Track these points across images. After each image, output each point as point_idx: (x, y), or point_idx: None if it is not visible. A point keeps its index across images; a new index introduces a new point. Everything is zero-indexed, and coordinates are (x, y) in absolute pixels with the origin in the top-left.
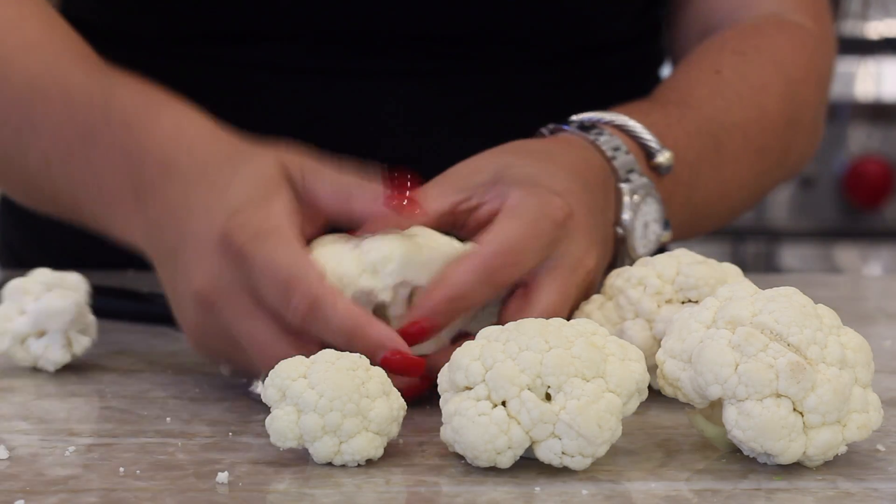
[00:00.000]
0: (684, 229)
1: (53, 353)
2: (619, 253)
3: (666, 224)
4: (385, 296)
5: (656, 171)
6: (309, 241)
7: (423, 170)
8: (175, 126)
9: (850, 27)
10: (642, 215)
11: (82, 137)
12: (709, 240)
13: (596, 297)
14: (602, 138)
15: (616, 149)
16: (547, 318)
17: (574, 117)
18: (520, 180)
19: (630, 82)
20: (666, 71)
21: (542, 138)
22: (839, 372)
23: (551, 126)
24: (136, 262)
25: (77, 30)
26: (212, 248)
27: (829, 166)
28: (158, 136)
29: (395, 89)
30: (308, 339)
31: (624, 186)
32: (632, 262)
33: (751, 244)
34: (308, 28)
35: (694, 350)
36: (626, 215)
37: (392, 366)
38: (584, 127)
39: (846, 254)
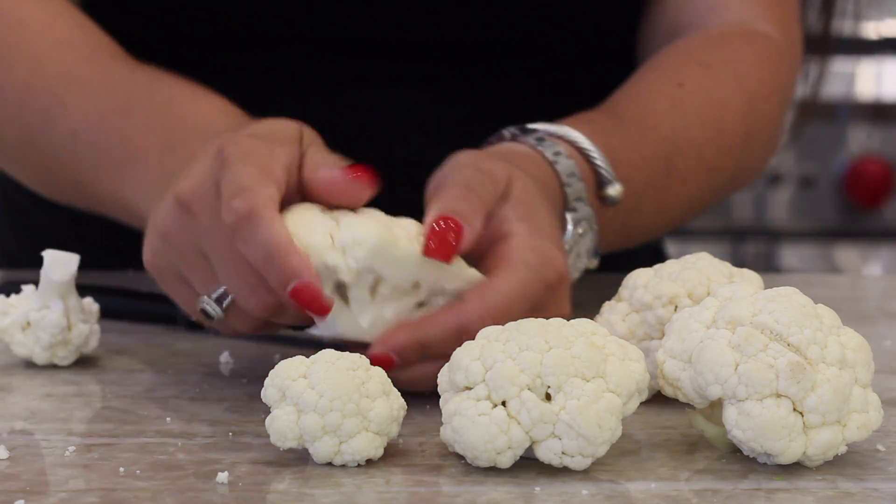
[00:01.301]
0: (613, 249)
1: (51, 318)
2: None
3: (596, 253)
4: (347, 277)
5: (602, 201)
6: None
7: (426, 175)
8: (219, 108)
9: (850, 27)
10: (578, 247)
11: (120, 109)
12: (708, 239)
13: (620, 307)
14: (559, 160)
15: (570, 174)
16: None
17: (536, 126)
18: (526, 216)
19: None
20: None
21: (505, 148)
22: (839, 372)
23: (512, 130)
24: (136, 262)
25: None
26: (205, 155)
27: (829, 166)
28: (204, 110)
29: (397, 95)
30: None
31: (569, 216)
32: None
33: (751, 244)
34: (311, 34)
35: (694, 350)
36: (565, 245)
37: (299, 297)
38: (543, 140)
39: (846, 254)
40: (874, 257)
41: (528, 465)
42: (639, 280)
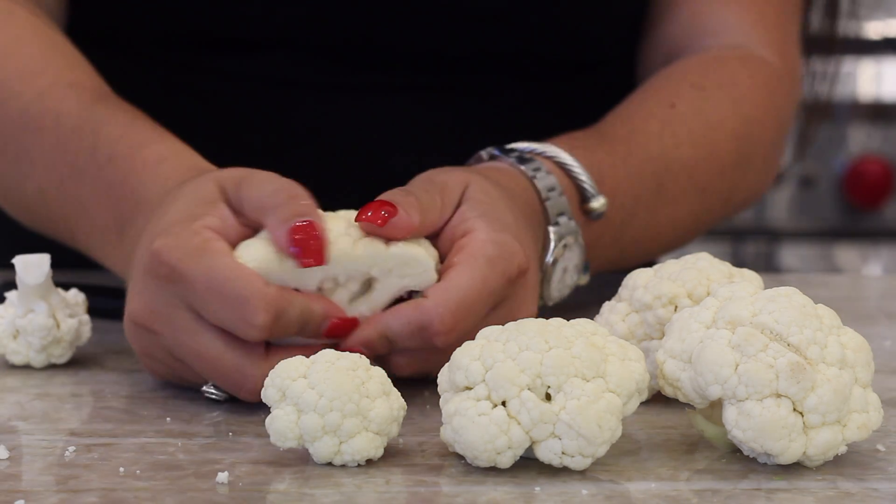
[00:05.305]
0: (605, 267)
1: (37, 321)
2: None
3: (585, 268)
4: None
5: (587, 214)
6: None
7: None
8: (157, 161)
9: (851, 27)
10: (563, 261)
11: (71, 170)
12: (708, 239)
13: (619, 307)
14: (539, 176)
15: (551, 189)
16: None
17: (516, 145)
18: (485, 213)
19: (621, 99)
20: None
21: (482, 164)
22: (839, 372)
23: (490, 150)
24: None
25: (76, 38)
26: (143, 272)
27: (829, 166)
28: (139, 170)
29: (388, 104)
30: (255, 345)
31: (552, 230)
32: (542, 304)
33: (751, 244)
34: (304, 41)
35: (694, 350)
36: (548, 258)
37: (336, 331)
38: (524, 159)
39: (846, 254)
40: (874, 257)
41: (528, 465)
42: (639, 280)
